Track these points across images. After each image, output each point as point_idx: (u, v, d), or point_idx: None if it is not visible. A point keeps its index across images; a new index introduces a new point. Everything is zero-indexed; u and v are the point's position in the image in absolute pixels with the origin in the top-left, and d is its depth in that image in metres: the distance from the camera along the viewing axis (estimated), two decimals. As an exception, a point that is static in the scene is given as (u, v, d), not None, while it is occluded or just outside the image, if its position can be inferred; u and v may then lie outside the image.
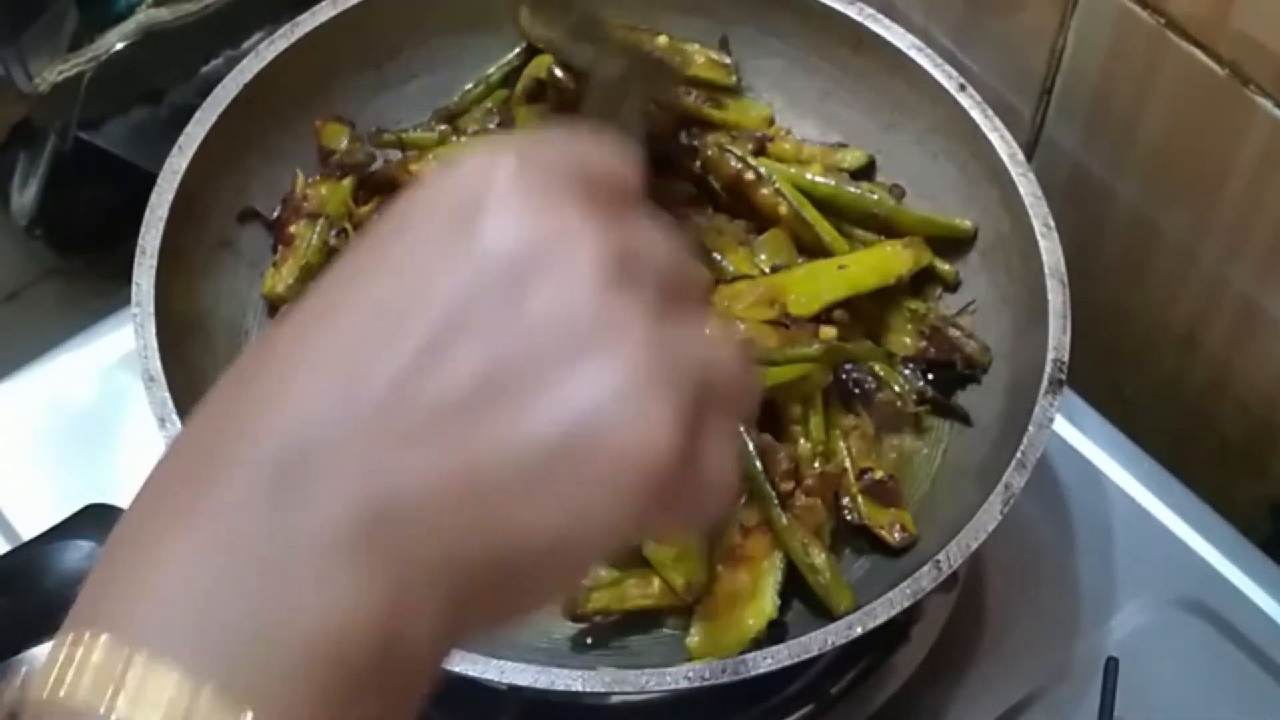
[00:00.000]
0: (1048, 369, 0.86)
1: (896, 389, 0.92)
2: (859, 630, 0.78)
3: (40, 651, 0.79)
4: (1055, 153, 1.06)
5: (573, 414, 0.44)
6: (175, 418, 0.82)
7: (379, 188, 0.97)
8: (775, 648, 0.77)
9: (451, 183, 0.48)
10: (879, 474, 0.88)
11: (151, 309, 0.85)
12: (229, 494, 0.44)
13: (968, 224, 0.96)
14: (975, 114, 0.94)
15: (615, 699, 0.85)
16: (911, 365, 0.93)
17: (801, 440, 0.88)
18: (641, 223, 0.48)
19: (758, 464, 0.85)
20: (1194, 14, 0.92)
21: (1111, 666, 0.90)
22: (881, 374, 0.93)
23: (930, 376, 0.93)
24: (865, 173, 1.00)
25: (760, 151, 0.99)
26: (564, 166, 0.48)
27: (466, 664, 0.77)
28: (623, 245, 0.46)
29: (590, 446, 0.44)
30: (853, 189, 0.97)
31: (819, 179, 0.97)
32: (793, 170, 0.98)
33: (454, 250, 0.46)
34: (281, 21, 0.96)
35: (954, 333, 0.93)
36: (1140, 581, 0.97)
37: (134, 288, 0.86)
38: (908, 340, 0.94)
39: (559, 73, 0.96)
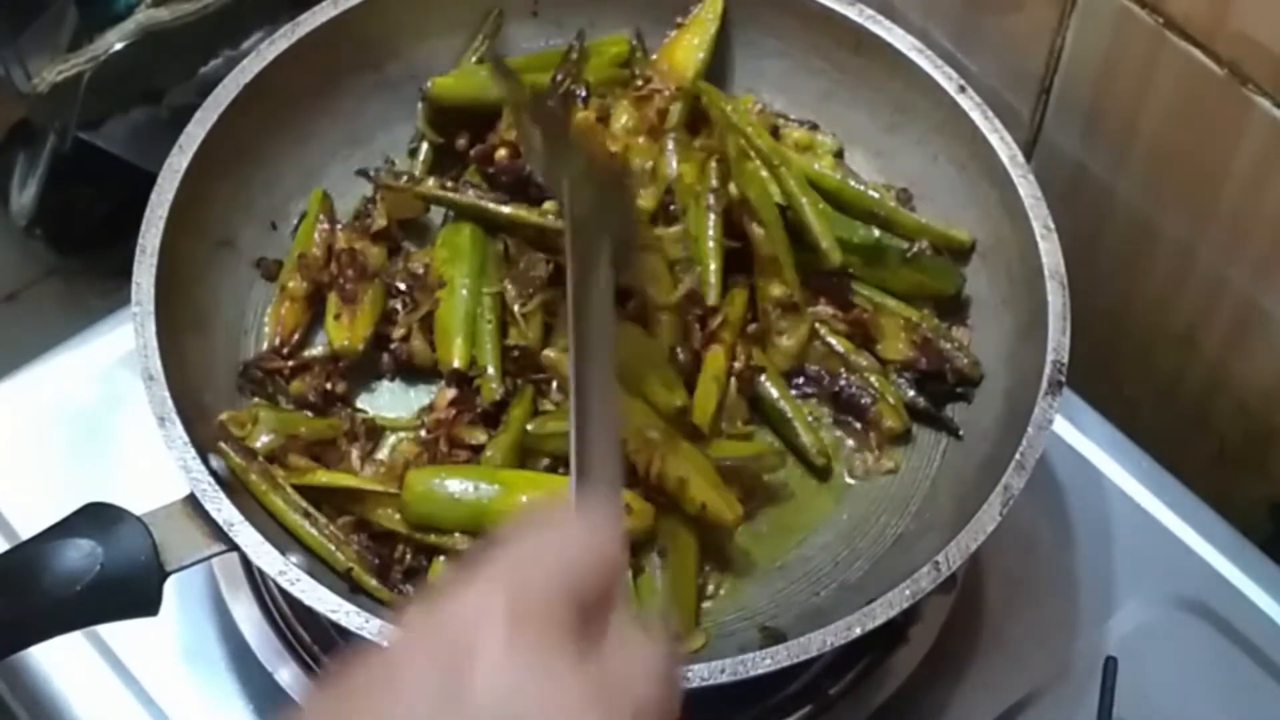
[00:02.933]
0: (1047, 370, 0.86)
1: (891, 401, 0.92)
2: (858, 631, 0.78)
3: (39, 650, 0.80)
4: (1054, 152, 1.06)
5: None
6: (175, 416, 0.82)
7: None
8: (775, 648, 0.77)
9: (439, 633, 0.49)
10: None
11: (151, 308, 0.85)
12: None
13: (965, 235, 0.96)
14: (975, 115, 0.94)
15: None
16: (905, 375, 0.94)
17: None
18: (625, 640, 0.52)
19: None
20: (1193, 14, 0.92)
21: (1111, 666, 0.90)
22: (877, 385, 0.93)
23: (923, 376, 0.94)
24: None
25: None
26: (550, 591, 0.50)
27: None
28: (604, 684, 0.49)
29: None
30: (857, 185, 0.97)
31: (826, 171, 0.97)
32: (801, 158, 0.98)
33: (443, 709, 0.47)
34: (281, 21, 0.97)
35: (946, 345, 0.93)
36: (1139, 581, 0.97)
37: (134, 286, 0.86)
38: (900, 346, 0.94)
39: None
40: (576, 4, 1.02)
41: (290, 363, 0.93)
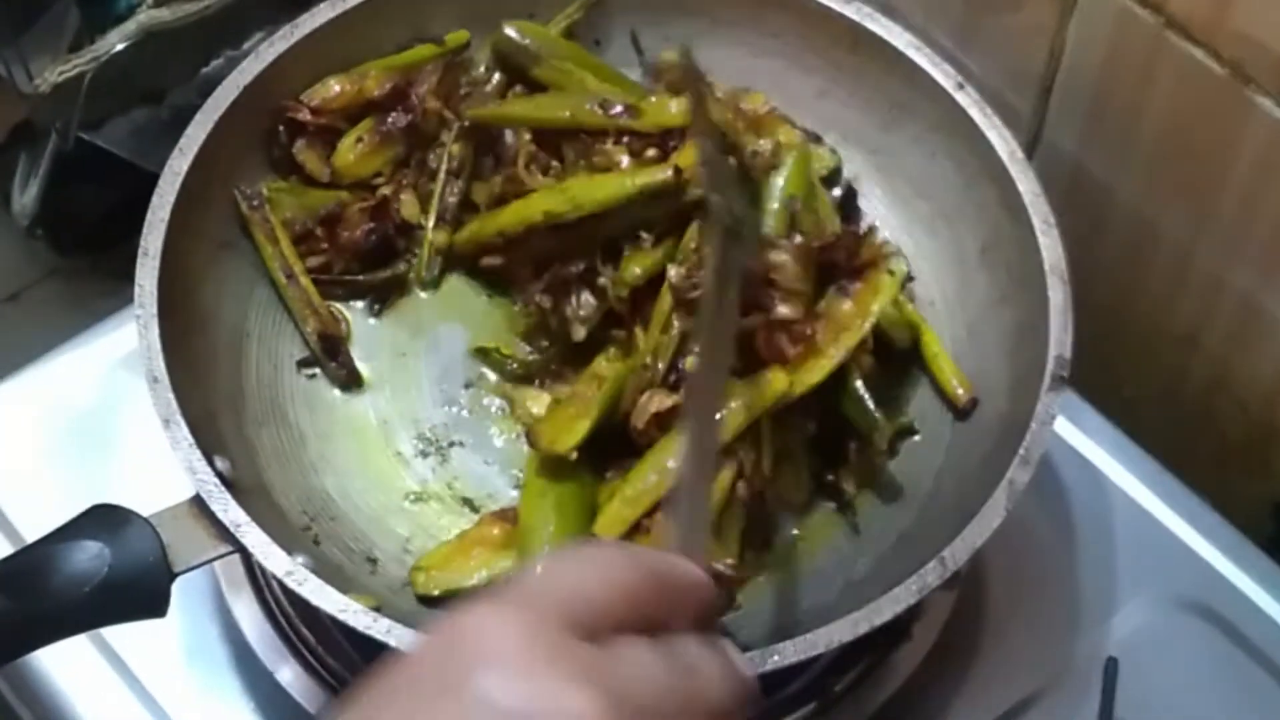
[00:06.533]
0: (1050, 365, 0.86)
1: (798, 465, 0.91)
2: (865, 627, 0.78)
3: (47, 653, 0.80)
4: (1055, 152, 1.06)
5: None
6: (180, 418, 0.82)
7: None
8: (782, 644, 0.77)
9: (450, 640, 0.50)
10: None
11: (155, 310, 0.85)
12: None
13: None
14: (973, 112, 0.94)
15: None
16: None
17: None
18: (640, 653, 0.52)
19: None
20: (1194, 13, 0.92)
21: (1111, 667, 0.90)
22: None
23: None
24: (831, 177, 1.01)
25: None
26: (568, 612, 0.51)
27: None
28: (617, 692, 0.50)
29: None
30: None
31: None
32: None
33: (445, 709, 0.48)
34: (281, 22, 0.97)
35: None
36: (1140, 581, 0.97)
37: (137, 289, 0.86)
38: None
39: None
40: (574, 5, 1.02)
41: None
